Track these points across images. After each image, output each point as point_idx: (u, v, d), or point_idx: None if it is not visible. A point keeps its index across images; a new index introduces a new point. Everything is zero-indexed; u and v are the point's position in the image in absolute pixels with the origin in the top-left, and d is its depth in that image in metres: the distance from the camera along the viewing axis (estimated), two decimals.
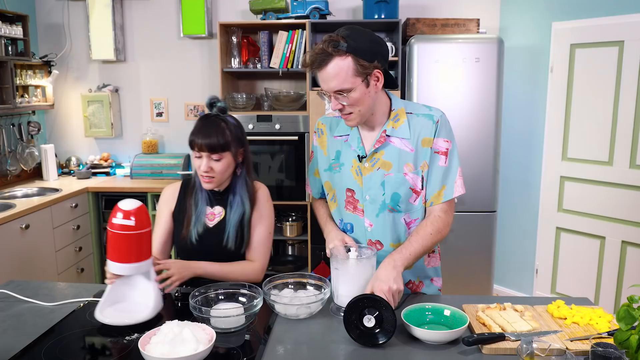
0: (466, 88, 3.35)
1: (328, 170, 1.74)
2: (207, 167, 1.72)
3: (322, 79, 1.51)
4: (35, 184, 3.91)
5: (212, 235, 1.81)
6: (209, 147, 1.70)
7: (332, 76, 1.47)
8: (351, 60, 1.46)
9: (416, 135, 1.61)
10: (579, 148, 3.47)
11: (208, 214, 1.84)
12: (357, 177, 1.65)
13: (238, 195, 1.82)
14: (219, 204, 1.84)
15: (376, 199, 1.63)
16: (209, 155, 1.71)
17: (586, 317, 1.44)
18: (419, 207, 1.66)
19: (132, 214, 1.47)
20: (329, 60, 1.46)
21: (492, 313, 1.47)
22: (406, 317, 1.41)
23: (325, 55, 1.46)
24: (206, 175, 1.74)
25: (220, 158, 1.72)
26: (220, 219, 1.83)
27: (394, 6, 3.57)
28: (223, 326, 1.43)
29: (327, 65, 1.47)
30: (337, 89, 1.49)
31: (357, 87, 1.49)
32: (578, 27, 3.39)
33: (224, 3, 4.06)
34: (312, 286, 1.64)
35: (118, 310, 1.54)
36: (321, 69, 1.48)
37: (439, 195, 1.64)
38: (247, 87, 4.10)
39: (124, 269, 1.50)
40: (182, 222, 1.85)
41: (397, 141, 1.61)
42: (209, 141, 1.69)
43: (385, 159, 1.62)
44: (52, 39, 4.22)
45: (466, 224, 3.46)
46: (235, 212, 1.81)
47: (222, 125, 1.73)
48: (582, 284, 3.54)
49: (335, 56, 1.46)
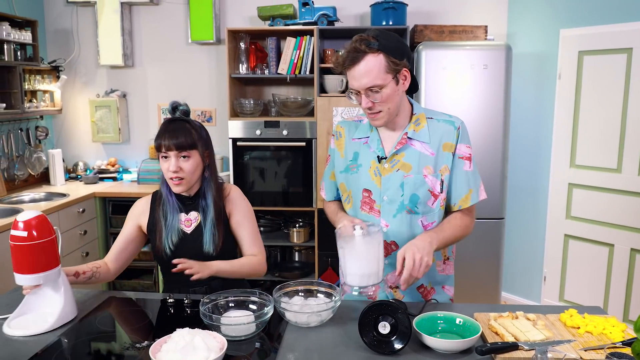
0: (474, 94, 3.35)
1: (344, 172, 1.75)
2: (176, 167, 1.71)
3: (354, 77, 1.53)
4: (42, 188, 3.92)
5: (190, 241, 1.80)
6: (177, 146, 1.71)
7: (364, 72, 1.50)
8: (383, 57, 1.50)
9: (437, 139, 1.64)
10: (587, 155, 3.46)
11: (184, 220, 1.83)
12: (375, 178, 1.67)
13: (209, 197, 1.82)
14: (192, 209, 1.84)
15: (394, 200, 1.64)
16: (177, 154, 1.72)
17: (599, 326, 1.43)
18: (437, 210, 1.67)
19: (30, 225, 1.47)
20: (362, 57, 1.50)
21: (505, 322, 1.46)
22: (418, 325, 1.40)
23: (358, 53, 1.50)
24: (175, 176, 1.73)
25: (189, 157, 1.74)
26: (197, 223, 1.82)
27: (402, 13, 3.57)
28: (233, 334, 1.42)
29: (360, 62, 1.50)
30: (369, 86, 1.52)
31: (388, 84, 1.53)
32: (586, 34, 3.38)
33: (232, 9, 4.07)
34: (322, 294, 1.63)
35: (25, 321, 1.53)
36: (354, 66, 1.51)
37: (467, 199, 1.67)
38: (255, 93, 4.11)
39: (27, 279, 1.49)
40: (155, 235, 1.84)
41: (418, 144, 1.64)
42: (177, 140, 1.70)
43: (405, 160, 1.64)
44: (60, 44, 4.24)
45: (474, 231, 3.36)
46: (209, 215, 1.81)
47: (187, 126, 1.75)
48: (591, 291, 3.52)
49: (368, 53, 1.50)
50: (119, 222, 3.89)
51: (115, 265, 1.86)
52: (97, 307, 1.67)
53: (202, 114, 4.22)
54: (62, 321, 1.52)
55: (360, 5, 3.90)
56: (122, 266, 1.89)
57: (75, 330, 1.51)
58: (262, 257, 1.87)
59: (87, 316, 1.61)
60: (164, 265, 1.85)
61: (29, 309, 1.57)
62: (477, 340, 1.37)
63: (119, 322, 1.62)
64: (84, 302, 1.71)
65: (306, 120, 3.62)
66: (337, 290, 1.59)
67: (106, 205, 3.90)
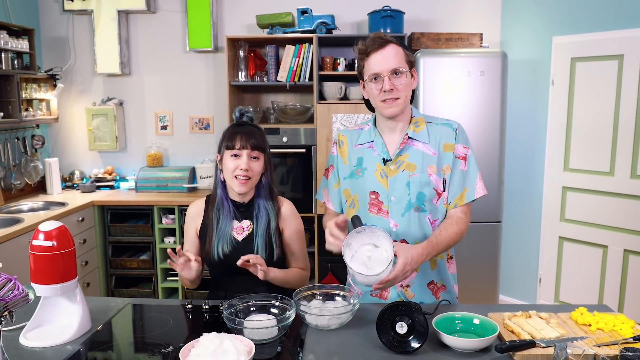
0: (471, 101, 3.41)
1: (349, 178, 1.80)
2: (247, 165, 1.77)
3: (379, 60, 1.63)
4: (39, 197, 3.90)
5: (242, 249, 1.83)
6: (252, 145, 1.78)
7: (392, 55, 1.63)
8: (402, 49, 1.66)
9: (437, 140, 1.72)
10: (580, 159, 3.54)
11: (236, 227, 1.86)
12: (381, 180, 1.72)
13: (262, 205, 1.86)
14: (245, 217, 1.87)
15: (402, 199, 1.70)
16: (249, 153, 1.78)
17: (610, 323, 1.48)
18: (441, 208, 1.74)
19: (53, 236, 1.49)
20: (387, 44, 1.64)
21: (519, 321, 1.51)
22: (437, 325, 1.44)
23: (383, 40, 1.65)
24: (244, 175, 1.78)
25: (259, 158, 1.81)
26: (249, 232, 1.85)
27: (399, 21, 3.64)
28: (256, 338, 1.45)
29: (386, 47, 1.64)
30: (395, 67, 1.62)
31: (407, 72, 1.65)
32: (578, 41, 3.48)
33: (230, 17, 4.11)
34: (341, 297, 1.66)
35: (42, 332, 1.53)
36: (381, 49, 1.63)
37: (462, 197, 1.72)
38: (254, 100, 4.14)
39: (47, 290, 1.51)
40: (206, 238, 1.88)
41: (420, 144, 1.71)
42: (252, 140, 1.78)
43: (409, 160, 1.71)
44: (56, 53, 4.24)
45: (472, 234, 3.49)
46: (262, 222, 1.84)
47: (257, 130, 1.84)
48: (585, 292, 3.59)
49: (391, 42, 1.65)
50: (117, 230, 3.89)
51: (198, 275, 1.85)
52: (115, 315, 1.68)
53: (199, 121, 4.24)
54: (80, 332, 1.53)
55: (358, 14, 3.97)
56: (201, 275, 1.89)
57: (95, 339, 1.52)
58: (308, 272, 1.97)
59: (106, 324, 1.62)
60: (212, 270, 1.89)
61: (45, 320, 1.56)
62: (495, 339, 1.41)
63: (139, 329, 1.63)
64: (102, 311, 1.72)
65: (305, 127, 3.66)
66: (354, 293, 1.63)
67: (104, 214, 3.89)
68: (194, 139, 4.24)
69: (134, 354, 1.46)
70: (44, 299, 1.57)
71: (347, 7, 4.00)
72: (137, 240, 3.90)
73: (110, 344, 1.51)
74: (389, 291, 1.76)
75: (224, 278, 1.86)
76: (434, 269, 1.77)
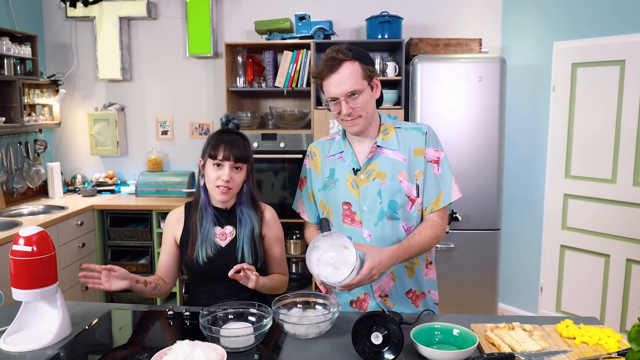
0: (469, 107, 3.38)
1: (322, 189, 1.79)
2: (229, 176, 1.75)
3: (334, 84, 1.59)
4: (41, 201, 3.93)
5: (226, 255, 1.81)
6: (235, 157, 1.75)
7: (345, 78, 1.58)
8: (358, 64, 1.60)
9: (407, 146, 1.70)
10: (582, 166, 3.49)
11: (219, 234, 1.84)
12: (353, 190, 1.71)
13: (245, 211, 1.85)
14: (228, 223, 1.86)
15: (374, 208, 1.68)
16: (232, 164, 1.76)
17: (595, 336, 1.45)
18: (415, 214, 1.71)
19: (33, 241, 1.48)
20: (340, 64, 1.58)
21: (501, 333, 1.48)
22: (415, 336, 1.42)
23: (336, 61, 1.58)
24: (225, 185, 1.76)
25: (241, 169, 1.79)
26: (232, 237, 1.84)
27: (397, 26, 3.62)
28: (233, 346, 1.43)
29: (340, 68, 1.58)
30: (350, 91, 1.58)
31: (365, 89, 1.61)
32: (579, 46, 3.43)
33: (230, 23, 4.12)
34: (321, 305, 1.64)
35: (22, 337, 1.53)
36: (334, 73, 1.58)
37: (438, 201, 1.70)
38: (252, 105, 4.14)
39: (26, 295, 1.51)
40: (188, 244, 1.86)
41: (389, 152, 1.70)
42: (235, 151, 1.75)
43: (379, 169, 1.69)
44: (59, 59, 4.28)
45: (470, 242, 3.47)
46: (245, 228, 1.83)
47: (241, 139, 1.81)
48: (587, 302, 3.53)
49: (345, 61, 1.59)
50: (116, 234, 3.90)
51: (170, 280, 1.92)
52: (97, 320, 1.68)
53: (199, 126, 4.25)
54: (59, 337, 1.53)
55: (356, 19, 3.95)
56: (174, 279, 1.95)
57: (75, 344, 1.52)
58: (287, 277, 1.98)
59: (87, 329, 1.61)
60: (194, 276, 1.86)
61: (25, 324, 1.57)
62: (474, 351, 1.38)
63: (119, 334, 1.63)
64: (84, 315, 1.72)
65: (303, 133, 3.65)
66: (334, 302, 1.61)
67: (104, 218, 3.91)
68: (194, 144, 4.25)
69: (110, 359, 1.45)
70: (25, 304, 1.58)
71: (345, 13, 3.99)
72: (136, 244, 3.91)
73: (87, 349, 1.50)
74: (368, 301, 1.74)
75: (207, 283, 1.83)
76: (412, 277, 1.75)
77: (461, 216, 3.41)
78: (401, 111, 3.59)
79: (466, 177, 3.39)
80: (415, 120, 3.43)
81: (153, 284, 1.82)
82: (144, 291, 1.78)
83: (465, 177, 3.39)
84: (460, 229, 3.46)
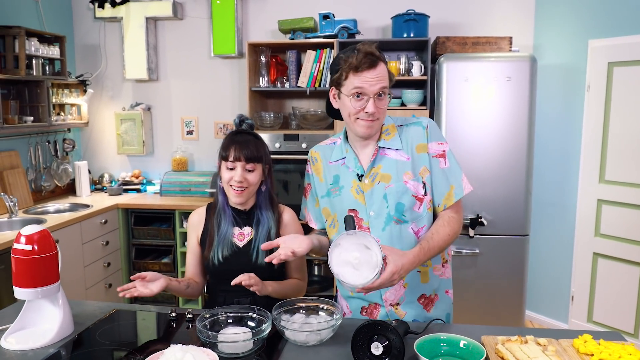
0: (497, 107, 3.26)
1: (326, 196, 1.72)
2: (241, 177, 1.73)
3: (368, 80, 1.51)
4: (68, 199, 4.00)
5: (242, 255, 1.80)
6: (246, 157, 1.73)
7: (381, 77, 1.52)
8: (386, 68, 1.56)
9: (409, 143, 1.63)
10: (617, 170, 3.31)
11: (237, 234, 1.84)
12: (358, 196, 1.64)
13: (264, 212, 1.84)
14: (246, 224, 1.84)
15: (381, 213, 1.61)
16: (244, 165, 1.74)
17: (615, 354, 1.34)
18: (424, 214, 1.62)
19: (34, 240, 1.47)
20: (378, 62, 1.52)
21: (512, 346, 1.38)
22: (419, 348, 1.34)
23: (375, 58, 1.52)
24: (239, 186, 1.75)
25: (254, 169, 1.76)
26: (250, 238, 1.83)
27: (424, 25, 3.53)
28: (230, 351, 1.39)
29: (377, 66, 1.52)
30: (382, 88, 1.53)
31: (388, 94, 1.57)
32: (616, 44, 3.26)
33: (254, 23, 4.11)
34: (325, 311, 1.58)
35: (24, 335, 1.53)
36: (372, 69, 1.51)
37: (449, 196, 1.62)
38: (275, 105, 4.11)
39: (27, 293, 1.50)
40: (206, 244, 1.87)
41: (392, 153, 1.63)
42: (246, 151, 1.73)
43: (383, 172, 1.62)
44: (89, 59, 4.35)
45: (496, 248, 3.34)
46: (263, 229, 1.82)
47: (254, 139, 1.79)
48: (621, 313, 3.35)
49: (381, 60, 1.54)
50: (141, 233, 3.94)
51: (199, 279, 1.92)
52: (100, 320, 1.67)
53: (224, 127, 4.25)
54: (60, 336, 1.53)
55: (381, 18, 3.88)
56: (205, 278, 1.95)
57: (74, 344, 1.51)
58: (305, 283, 1.92)
59: (89, 328, 1.60)
60: (211, 275, 1.88)
61: (27, 323, 1.57)
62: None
63: (118, 335, 1.61)
64: (88, 315, 1.71)
65: (326, 133, 3.59)
66: (339, 308, 1.54)
67: (129, 217, 3.95)
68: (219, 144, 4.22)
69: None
70: (28, 303, 1.57)
71: (370, 11, 3.92)
72: (160, 243, 3.94)
73: (85, 349, 1.49)
74: (379, 309, 1.66)
75: (224, 283, 1.81)
76: (426, 282, 1.66)
77: (487, 221, 3.29)
78: (426, 112, 3.49)
79: (493, 180, 3.27)
80: (441, 121, 3.32)
81: (186, 282, 1.83)
82: (180, 289, 1.80)
83: (492, 180, 3.27)
84: (486, 234, 3.34)
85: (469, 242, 3.35)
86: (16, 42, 3.40)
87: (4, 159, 3.56)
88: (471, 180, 1.69)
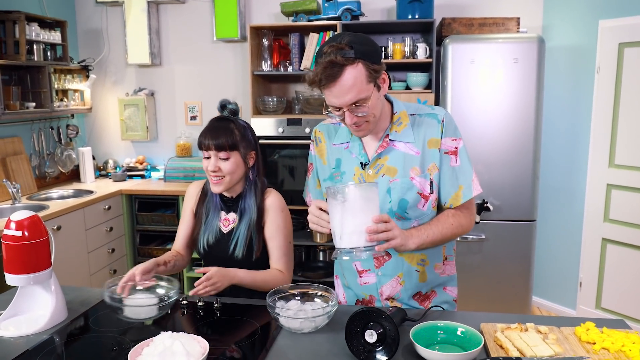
0: (504, 90, 3.19)
1: (328, 180, 1.64)
2: (214, 167, 1.71)
3: (335, 95, 1.37)
4: (72, 186, 4.00)
5: (224, 243, 1.80)
6: (216, 146, 1.70)
7: (348, 88, 1.35)
8: (362, 66, 1.35)
9: (421, 137, 1.52)
10: (627, 154, 3.23)
11: (223, 219, 1.82)
12: None
13: (247, 202, 1.79)
14: (232, 210, 1.82)
15: (382, 208, 1.51)
16: (216, 154, 1.71)
17: (618, 342, 1.29)
18: (429, 212, 1.55)
19: (24, 225, 1.46)
20: (342, 71, 1.33)
21: (512, 334, 1.35)
22: (415, 335, 1.31)
23: (337, 67, 1.33)
24: (214, 175, 1.72)
25: (228, 157, 1.71)
26: (234, 225, 1.81)
27: (429, 6, 3.44)
28: (134, 316, 1.51)
29: (341, 76, 1.33)
30: (354, 101, 1.37)
31: (371, 94, 1.39)
32: (628, 24, 3.16)
33: (257, 6, 4.04)
34: (320, 298, 1.55)
35: (17, 322, 1.52)
36: (334, 83, 1.34)
37: (458, 196, 1.54)
38: (279, 90, 4.06)
39: (19, 280, 1.49)
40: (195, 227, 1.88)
41: (402, 145, 1.53)
42: (217, 140, 1.70)
43: (389, 164, 1.53)
44: (91, 44, 4.32)
45: (503, 234, 3.29)
46: (246, 218, 1.78)
47: (230, 126, 1.73)
48: (629, 299, 3.29)
49: (347, 65, 1.33)
50: (145, 219, 3.93)
51: (187, 251, 1.92)
52: (94, 306, 1.65)
53: None
54: (53, 322, 1.52)
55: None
56: (191, 251, 1.94)
57: (67, 330, 1.50)
58: (288, 275, 1.80)
59: (83, 314, 1.59)
60: (201, 258, 1.89)
61: (20, 309, 1.56)
62: (479, 354, 1.26)
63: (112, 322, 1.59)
64: (83, 301, 1.70)
65: None
66: (334, 294, 1.51)
67: (132, 203, 3.94)
68: None
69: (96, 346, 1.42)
70: (20, 289, 1.57)
71: None
72: (164, 229, 3.93)
73: (78, 335, 1.48)
74: (374, 303, 1.63)
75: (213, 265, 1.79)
76: (423, 281, 1.60)
77: (493, 206, 3.23)
78: (431, 95, 3.42)
79: (500, 164, 3.21)
80: (446, 104, 3.26)
81: (172, 263, 1.81)
82: (166, 272, 1.78)
83: (499, 164, 3.20)
84: (492, 220, 3.28)
85: (475, 227, 3.28)
86: (16, 27, 3.36)
87: (7, 145, 3.56)
88: (477, 165, 1.62)
